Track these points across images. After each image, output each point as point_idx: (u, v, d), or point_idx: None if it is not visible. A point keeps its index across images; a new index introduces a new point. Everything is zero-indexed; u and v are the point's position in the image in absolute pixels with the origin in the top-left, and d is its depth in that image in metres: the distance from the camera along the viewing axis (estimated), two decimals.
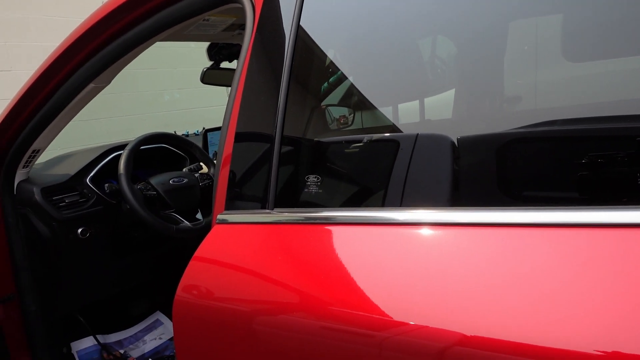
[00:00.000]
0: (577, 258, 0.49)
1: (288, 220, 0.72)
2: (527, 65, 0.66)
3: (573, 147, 0.57)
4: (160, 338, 1.91)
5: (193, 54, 3.95)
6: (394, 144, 0.69)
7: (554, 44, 0.64)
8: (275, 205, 0.74)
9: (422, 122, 0.75)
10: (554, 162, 0.58)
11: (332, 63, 0.81)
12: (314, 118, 0.82)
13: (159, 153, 1.79)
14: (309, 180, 0.73)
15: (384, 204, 0.67)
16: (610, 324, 0.43)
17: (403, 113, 0.75)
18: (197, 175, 1.59)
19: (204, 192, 1.57)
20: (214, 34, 1.43)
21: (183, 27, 1.06)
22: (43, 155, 1.47)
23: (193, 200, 1.53)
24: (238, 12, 0.87)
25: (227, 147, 0.80)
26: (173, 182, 1.49)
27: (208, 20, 1.27)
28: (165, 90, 4.25)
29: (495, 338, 0.47)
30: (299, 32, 0.76)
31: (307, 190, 0.73)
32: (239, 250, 0.74)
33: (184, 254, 0.91)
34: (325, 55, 0.81)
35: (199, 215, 1.63)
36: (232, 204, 0.79)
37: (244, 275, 0.70)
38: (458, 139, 0.63)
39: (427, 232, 0.59)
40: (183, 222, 1.43)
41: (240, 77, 0.81)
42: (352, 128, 0.84)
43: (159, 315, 2.00)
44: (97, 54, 1.09)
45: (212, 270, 0.75)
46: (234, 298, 0.70)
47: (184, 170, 1.63)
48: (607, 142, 0.55)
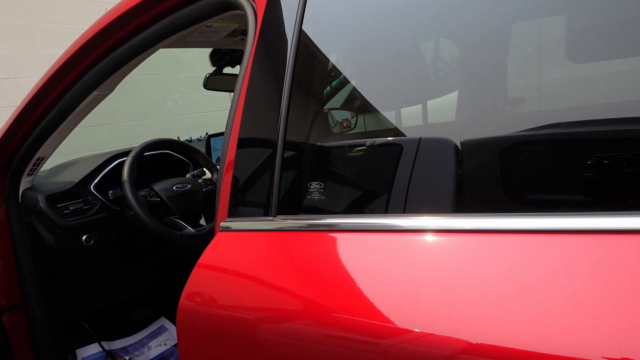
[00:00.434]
0: (584, 265, 0.48)
1: (291, 228, 0.71)
2: (530, 67, 0.66)
3: (578, 149, 0.57)
4: (165, 344, 1.91)
5: (196, 60, 3.98)
6: (397, 148, 0.69)
7: (557, 46, 0.63)
8: (278, 212, 0.73)
9: (425, 125, 0.75)
10: (559, 165, 0.57)
11: (334, 67, 0.81)
12: (317, 123, 0.82)
13: (163, 159, 1.79)
14: (312, 187, 0.73)
15: (388, 210, 0.66)
16: (619, 332, 0.42)
17: (406, 116, 0.75)
18: (200, 181, 1.59)
19: (208, 197, 1.57)
20: (217, 40, 1.44)
21: (186, 33, 1.06)
22: (47, 163, 1.47)
23: (196, 206, 1.53)
24: (240, 18, 0.88)
25: (229, 153, 0.80)
26: (176, 188, 1.49)
27: (211, 27, 1.27)
28: (169, 96, 4.26)
29: (501, 346, 0.46)
30: (301, 37, 0.75)
31: (310, 197, 0.73)
32: (242, 258, 0.73)
33: (188, 260, 0.91)
34: (327, 60, 0.81)
35: (203, 221, 1.63)
36: (235, 211, 0.79)
37: (248, 283, 0.70)
38: (461, 143, 0.62)
39: (431, 239, 0.58)
40: (186, 228, 1.43)
41: (243, 83, 0.81)
42: (355, 132, 0.84)
43: (164, 322, 2.00)
44: (100, 62, 1.10)
45: (215, 278, 0.75)
46: (238, 305, 0.70)
47: (187, 176, 1.63)
48: (613, 144, 0.54)
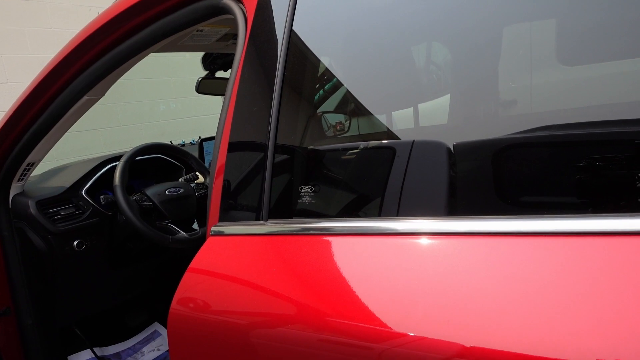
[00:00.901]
0: (577, 267, 0.48)
1: (283, 232, 0.71)
2: (522, 70, 0.66)
3: (570, 151, 0.57)
4: (159, 349, 1.89)
5: (188, 64, 3.97)
6: (390, 151, 0.69)
7: (549, 48, 0.64)
8: (270, 216, 0.73)
9: (417, 128, 0.75)
10: (551, 167, 0.57)
11: (325, 70, 0.81)
12: (308, 126, 0.82)
13: (155, 163, 1.78)
14: (303, 190, 0.72)
15: (381, 213, 0.66)
16: (613, 335, 0.42)
17: (398, 119, 0.75)
18: (193, 185, 1.58)
19: (200, 202, 1.56)
20: (208, 44, 1.43)
21: (177, 38, 1.06)
22: (38, 168, 1.46)
23: (189, 211, 1.53)
24: (231, 22, 0.87)
25: (220, 157, 0.79)
26: (169, 192, 1.49)
27: (202, 31, 1.27)
28: (161, 100, 4.24)
29: (495, 349, 0.46)
30: (291, 40, 0.75)
31: (301, 200, 0.72)
32: (234, 262, 0.73)
33: (181, 265, 0.90)
34: (318, 63, 0.80)
35: (196, 226, 1.63)
36: (226, 215, 0.78)
37: (239, 287, 0.69)
38: (454, 145, 0.62)
39: (425, 242, 0.58)
40: (179, 232, 1.42)
41: (233, 86, 0.80)
42: (347, 135, 0.84)
43: (157, 327, 1.99)
44: (91, 66, 1.09)
45: (206, 283, 0.74)
46: (230, 310, 0.69)
47: (180, 181, 1.62)
48: (605, 146, 0.55)
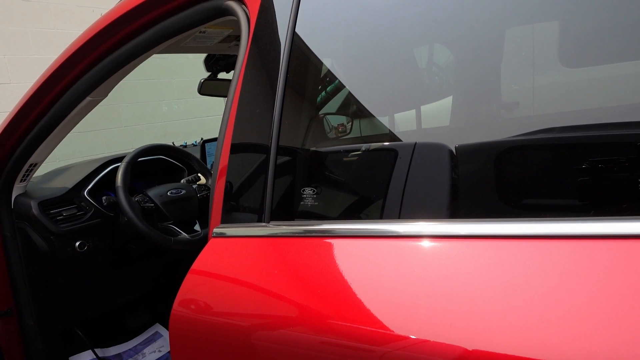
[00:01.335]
0: (579, 270, 0.48)
1: (285, 234, 0.71)
2: (524, 72, 0.66)
3: (572, 154, 0.57)
4: (160, 351, 1.89)
5: (191, 65, 3.97)
6: (392, 153, 0.69)
7: (551, 50, 0.64)
8: (272, 218, 0.73)
9: (419, 130, 0.75)
10: (553, 169, 0.57)
11: (327, 72, 0.81)
12: (310, 128, 0.82)
13: (157, 165, 1.79)
14: (305, 192, 0.72)
15: (383, 215, 0.66)
16: (617, 339, 0.42)
17: (400, 121, 0.75)
18: (195, 187, 1.58)
19: (202, 203, 1.56)
20: (211, 46, 1.44)
21: (180, 39, 1.06)
22: (41, 169, 1.46)
23: (191, 212, 1.53)
24: (234, 24, 0.87)
25: (222, 159, 0.79)
26: (171, 193, 1.49)
27: (204, 33, 1.28)
28: (164, 101, 4.25)
29: (498, 352, 0.46)
30: (294, 42, 0.75)
31: (303, 202, 0.72)
32: (236, 265, 0.73)
33: (183, 266, 0.90)
34: (321, 65, 0.80)
35: (197, 227, 1.63)
36: (228, 217, 0.78)
37: (241, 289, 0.69)
38: (456, 147, 0.62)
39: (427, 244, 0.58)
40: (181, 233, 1.42)
41: (236, 88, 0.80)
42: (349, 137, 0.84)
43: (158, 328, 1.99)
44: (94, 67, 1.09)
45: (208, 285, 0.74)
46: (231, 312, 0.69)
47: (182, 182, 1.63)
48: (607, 148, 0.54)
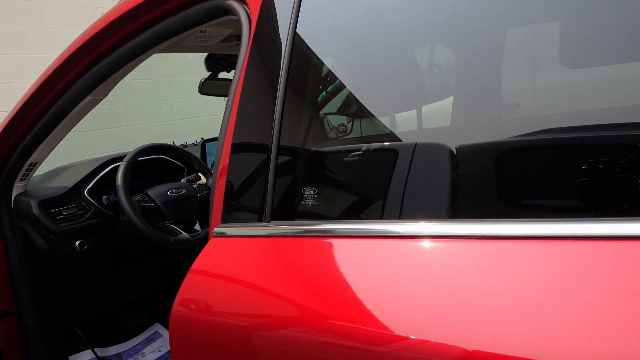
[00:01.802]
0: (580, 271, 0.48)
1: (285, 233, 0.71)
2: (525, 72, 0.66)
3: (573, 155, 0.57)
4: (160, 350, 1.89)
5: (191, 65, 3.98)
6: (393, 153, 0.69)
7: (551, 51, 0.64)
8: (272, 218, 0.73)
9: (420, 130, 0.75)
10: (554, 170, 0.57)
11: (328, 72, 0.81)
12: (311, 128, 0.82)
13: (157, 164, 1.79)
14: (306, 192, 0.72)
15: (383, 215, 0.66)
16: (618, 340, 0.42)
17: (401, 121, 0.75)
18: (195, 186, 1.58)
19: (203, 203, 1.56)
20: (212, 45, 1.44)
21: (181, 38, 1.06)
22: (41, 168, 1.46)
23: (191, 212, 1.53)
24: (235, 23, 0.87)
25: (223, 158, 0.79)
26: (171, 193, 1.49)
27: (205, 32, 1.28)
28: (164, 101, 4.25)
29: (498, 353, 0.46)
30: (295, 42, 0.75)
31: (304, 202, 0.72)
32: (236, 264, 0.73)
33: (183, 266, 0.90)
34: (322, 65, 0.80)
35: (198, 227, 1.63)
36: (228, 217, 0.78)
37: (241, 289, 0.69)
38: (457, 148, 0.62)
39: (427, 244, 0.58)
40: (181, 233, 1.42)
41: (237, 87, 0.80)
42: (350, 137, 0.84)
43: (158, 328, 1.98)
44: (94, 66, 1.09)
45: (208, 284, 0.74)
46: (232, 312, 0.69)
47: (182, 181, 1.63)
48: (608, 149, 0.54)
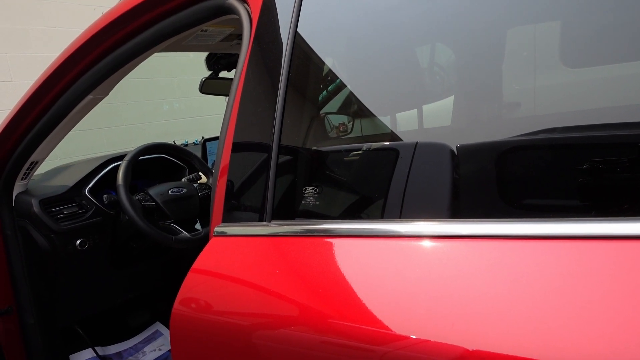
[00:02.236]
0: (581, 271, 0.48)
1: (286, 233, 0.71)
2: (526, 72, 0.66)
3: (574, 154, 0.57)
4: (160, 349, 1.89)
5: (192, 64, 3.97)
6: (394, 153, 0.69)
7: (553, 50, 0.64)
8: (273, 217, 0.73)
9: (421, 130, 0.75)
10: (555, 169, 0.57)
11: (329, 71, 0.81)
12: (312, 127, 0.82)
13: (158, 163, 1.79)
14: (307, 192, 0.72)
15: (384, 215, 0.66)
16: (619, 340, 0.42)
17: (402, 121, 0.75)
18: (196, 185, 1.58)
19: (203, 202, 1.56)
20: (213, 44, 1.44)
21: (182, 37, 1.06)
22: (42, 167, 1.46)
23: (192, 211, 1.53)
24: (235, 22, 0.87)
25: (224, 158, 0.79)
26: (172, 192, 1.49)
27: (206, 31, 1.27)
28: (165, 100, 4.25)
29: (499, 353, 0.46)
30: (296, 41, 0.75)
31: (305, 202, 0.72)
32: (237, 263, 0.73)
33: (183, 265, 0.90)
34: (323, 64, 0.80)
35: (198, 226, 1.63)
36: (229, 216, 0.78)
37: (242, 288, 0.69)
38: (457, 147, 0.62)
39: (428, 244, 0.58)
40: (182, 232, 1.42)
41: (238, 87, 0.80)
42: (351, 136, 0.84)
43: (159, 326, 1.99)
44: (95, 65, 1.09)
45: (209, 283, 0.74)
46: (232, 311, 0.69)
47: (183, 181, 1.63)
48: (609, 149, 0.54)
